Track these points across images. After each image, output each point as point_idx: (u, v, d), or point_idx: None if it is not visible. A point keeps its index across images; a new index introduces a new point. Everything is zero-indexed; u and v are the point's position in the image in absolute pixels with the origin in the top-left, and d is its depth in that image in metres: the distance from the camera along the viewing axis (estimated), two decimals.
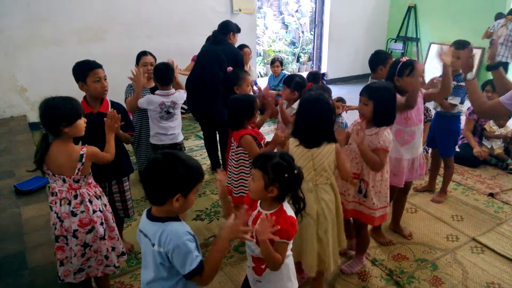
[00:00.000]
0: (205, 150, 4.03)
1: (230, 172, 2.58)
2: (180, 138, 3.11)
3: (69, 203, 1.90)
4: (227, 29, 3.75)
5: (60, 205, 1.90)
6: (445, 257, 2.57)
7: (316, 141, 1.92)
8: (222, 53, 3.54)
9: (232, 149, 2.56)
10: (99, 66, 2.30)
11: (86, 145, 1.95)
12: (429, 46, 7.39)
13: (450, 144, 3.16)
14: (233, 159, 2.53)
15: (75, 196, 1.91)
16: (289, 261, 1.65)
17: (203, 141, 4.01)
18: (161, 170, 1.35)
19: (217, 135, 3.84)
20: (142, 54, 3.32)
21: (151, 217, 1.42)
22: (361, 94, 2.22)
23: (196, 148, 4.53)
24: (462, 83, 2.82)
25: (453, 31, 6.95)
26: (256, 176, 1.55)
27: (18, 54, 4.90)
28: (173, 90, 2.97)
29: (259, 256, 1.57)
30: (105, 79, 2.31)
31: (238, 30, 3.89)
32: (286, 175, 1.52)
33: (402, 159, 2.52)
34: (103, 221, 1.99)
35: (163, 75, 2.92)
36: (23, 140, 4.29)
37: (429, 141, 3.36)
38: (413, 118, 2.48)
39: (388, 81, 2.52)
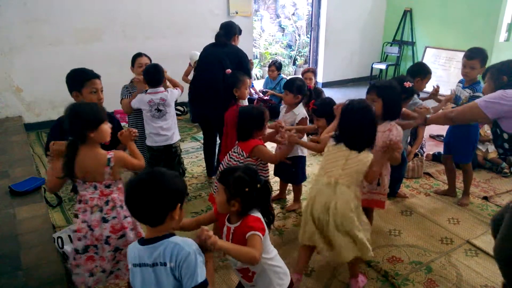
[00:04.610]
0: (201, 153, 4.00)
1: None
2: (176, 139, 3.10)
3: (101, 210, 1.86)
4: (231, 31, 3.63)
5: (91, 213, 1.85)
6: (440, 260, 2.58)
7: (360, 146, 1.96)
8: (225, 57, 3.45)
9: (233, 158, 2.49)
10: (97, 76, 2.21)
11: (114, 150, 1.91)
12: (425, 49, 7.44)
13: (467, 151, 3.16)
14: None
15: (107, 202, 1.86)
16: (276, 262, 1.66)
17: (200, 144, 3.99)
18: (154, 186, 1.29)
19: (217, 140, 3.77)
20: (137, 56, 3.34)
21: (147, 242, 1.33)
22: (368, 92, 2.30)
23: (191, 150, 4.53)
24: (479, 93, 2.83)
25: (448, 35, 7.02)
26: (219, 190, 1.55)
27: (14, 54, 4.88)
28: (161, 88, 3.00)
29: (242, 267, 1.59)
30: (102, 91, 2.23)
31: (240, 31, 3.79)
32: (246, 189, 1.51)
33: None
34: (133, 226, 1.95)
35: (152, 76, 2.97)
36: (18, 141, 4.26)
37: (444, 146, 3.33)
38: None
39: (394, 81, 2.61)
